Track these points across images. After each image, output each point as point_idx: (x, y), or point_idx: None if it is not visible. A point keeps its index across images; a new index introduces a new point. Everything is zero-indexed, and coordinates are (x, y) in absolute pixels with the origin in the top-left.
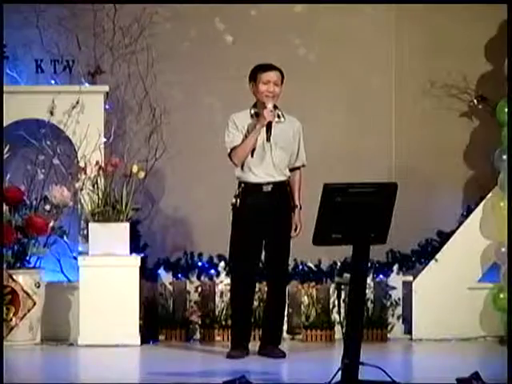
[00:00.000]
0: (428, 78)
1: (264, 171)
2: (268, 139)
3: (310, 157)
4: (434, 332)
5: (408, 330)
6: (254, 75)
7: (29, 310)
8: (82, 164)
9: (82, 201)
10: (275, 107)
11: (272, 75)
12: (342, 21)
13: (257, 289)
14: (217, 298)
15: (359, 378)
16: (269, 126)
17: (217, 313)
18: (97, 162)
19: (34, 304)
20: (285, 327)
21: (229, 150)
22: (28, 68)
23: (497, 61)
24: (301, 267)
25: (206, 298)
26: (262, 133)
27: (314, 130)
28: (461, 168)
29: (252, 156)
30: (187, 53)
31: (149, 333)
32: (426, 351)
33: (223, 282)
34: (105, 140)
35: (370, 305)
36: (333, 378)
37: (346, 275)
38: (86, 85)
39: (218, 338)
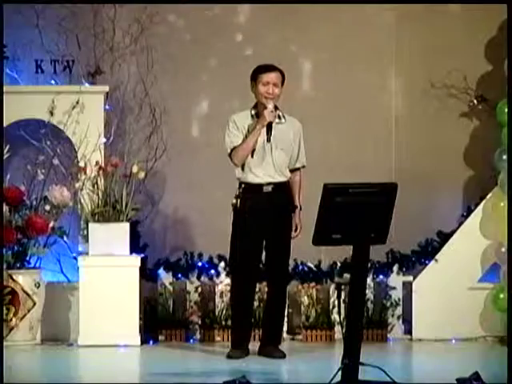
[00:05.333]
0: (428, 78)
1: (264, 172)
2: (268, 140)
3: (310, 157)
4: (434, 332)
5: (408, 330)
6: (255, 76)
7: (29, 310)
8: (81, 164)
9: (82, 201)
10: (276, 108)
11: (272, 76)
12: (342, 21)
13: (257, 289)
14: (217, 298)
15: (359, 378)
16: (269, 127)
17: (217, 313)
18: (97, 162)
19: (34, 304)
20: (285, 327)
21: (229, 151)
22: (28, 68)
23: (497, 61)
24: (301, 267)
25: (206, 298)
26: (262, 133)
27: (314, 130)
28: (461, 168)
29: (252, 156)
30: (187, 53)
31: (149, 333)
32: (426, 351)
33: (223, 282)
34: (105, 140)
35: (370, 305)
36: (333, 378)
37: (346, 275)
38: (86, 85)
39: (218, 338)
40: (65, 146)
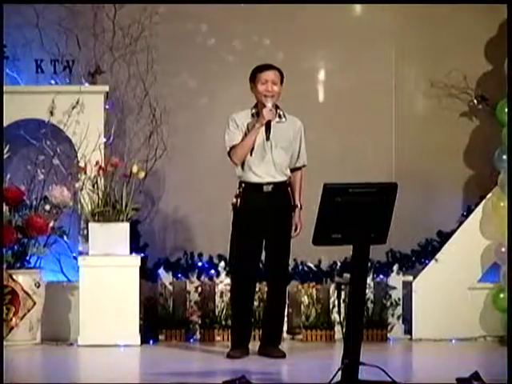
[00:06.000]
0: (428, 78)
1: (264, 171)
2: (267, 138)
3: (310, 157)
4: (434, 332)
5: (408, 330)
6: (253, 76)
7: (29, 310)
8: (82, 164)
9: (82, 201)
10: (277, 107)
11: (270, 74)
12: (342, 21)
13: (257, 289)
14: (217, 298)
15: (359, 377)
16: (268, 125)
17: (217, 313)
18: (97, 162)
19: (34, 304)
20: (285, 327)
21: (228, 149)
22: (28, 68)
23: (497, 61)
24: (301, 267)
25: (206, 298)
26: (261, 132)
27: (314, 129)
28: (461, 168)
29: (251, 155)
30: (187, 53)
31: (149, 333)
32: (426, 351)
33: (223, 282)
34: (105, 140)
35: (370, 305)
36: (333, 378)
37: (346, 275)
38: (86, 85)
39: (218, 338)
40: (65, 145)
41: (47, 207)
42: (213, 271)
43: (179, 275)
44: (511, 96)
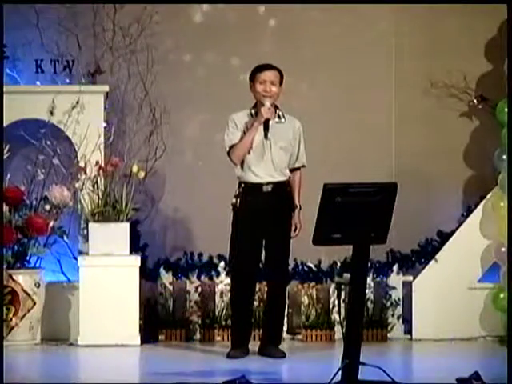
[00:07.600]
0: (428, 78)
1: (264, 171)
2: (266, 137)
3: (309, 157)
4: (434, 332)
5: (408, 330)
6: (253, 75)
7: (29, 310)
8: (82, 164)
9: (82, 201)
10: (276, 107)
11: (269, 75)
12: (342, 21)
13: (257, 289)
14: (217, 298)
15: (359, 378)
16: (266, 124)
17: (217, 313)
18: (97, 162)
19: (34, 304)
20: (285, 327)
21: (227, 149)
22: (28, 68)
23: (497, 61)
24: (301, 267)
25: (206, 297)
26: (260, 131)
27: (314, 129)
28: (461, 168)
29: (249, 154)
30: (187, 52)
31: (149, 333)
32: (426, 351)
33: (223, 282)
34: (105, 140)
35: (370, 305)
36: (333, 377)
37: (346, 275)
38: (86, 85)
39: (218, 338)
40: (65, 145)
41: (47, 207)
42: (213, 271)
43: (179, 275)
44: (511, 96)
